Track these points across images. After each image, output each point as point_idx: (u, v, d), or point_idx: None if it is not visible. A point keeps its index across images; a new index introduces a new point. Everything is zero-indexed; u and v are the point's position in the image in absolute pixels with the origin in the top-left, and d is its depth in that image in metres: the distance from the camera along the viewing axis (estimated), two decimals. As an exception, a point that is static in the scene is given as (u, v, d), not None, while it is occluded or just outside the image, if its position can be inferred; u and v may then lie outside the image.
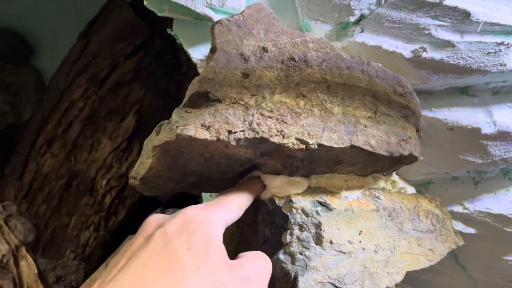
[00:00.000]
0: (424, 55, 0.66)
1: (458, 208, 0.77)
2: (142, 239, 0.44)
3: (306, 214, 0.60)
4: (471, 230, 0.78)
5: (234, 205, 0.53)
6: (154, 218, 0.47)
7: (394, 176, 0.70)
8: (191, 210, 0.46)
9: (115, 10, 1.22)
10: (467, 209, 0.77)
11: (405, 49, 0.67)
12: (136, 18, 1.20)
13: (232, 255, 0.71)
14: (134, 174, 0.59)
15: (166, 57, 1.27)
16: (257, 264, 0.47)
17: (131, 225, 1.35)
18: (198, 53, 0.74)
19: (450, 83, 0.72)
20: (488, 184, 0.79)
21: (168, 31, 0.73)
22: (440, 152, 0.74)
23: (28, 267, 0.84)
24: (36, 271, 0.84)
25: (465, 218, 0.77)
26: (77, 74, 1.21)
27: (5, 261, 0.83)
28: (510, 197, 0.77)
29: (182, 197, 1.52)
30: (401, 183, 0.72)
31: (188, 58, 1.44)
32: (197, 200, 1.49)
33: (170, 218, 0.46)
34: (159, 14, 0.69)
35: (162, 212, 0.88)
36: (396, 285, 0.74)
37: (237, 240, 0.69)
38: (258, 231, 0.65)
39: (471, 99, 0.74)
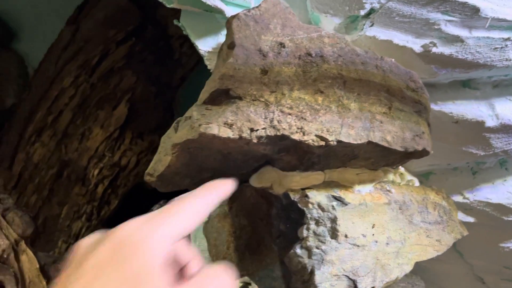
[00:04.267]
0: (434, 50, 0.67)
1: (458, 198, 0.80)
2: (72, 270, 0.36)
3: (322, 209, 0.61)
4: (470, 219, 0.80)
5: (190, 212, 0.42)
6: (84, 243, 0.39)
7: (401, 169, 0.72)
8: (125, 228, 0.37)
9: (105, -5, 1.18)
10: (467, 198, 0.79)
11: (415, 44, 0.67)
12: (128, 4, 1.17)
13: (243, 248, 0.72)
14: (151, 171, 0.58)
15: (158, 44, 1.25)
16: None
17: (123, 215, 1.33)
18: (205, 45, 0.72)
19: (455, 76, 0.73)
20: (486, 174, 0.82)
21: (175, 22, 0.72)
22: (444, 144, 0.76)
23: (29, 261, 0.82)
24: (37, 266, 0.82)
25: (465, 208, 0.80)
26: (67, 61, 1.17)
27: (5, 256, 0.81)
28: (507, 187, 0.80)
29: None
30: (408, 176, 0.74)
31: (180, 45, 1.42)
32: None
33: (102, 240, 0.37)
34: (168, 6, 0.67)
35: (164, 204, 0.87)
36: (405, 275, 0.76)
37: (249, 233, 0.70)
38: (272, 225, 0.65)
39: (474, 92, 0.75)
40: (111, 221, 1.32)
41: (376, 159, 0.63)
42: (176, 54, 1.29)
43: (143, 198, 1.28)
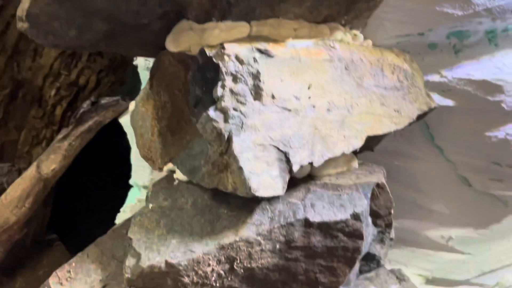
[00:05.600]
0: None
1: (434, 77, 0.67)
2: None
3: (241, 62, 0.48)
4: (449, 102, 0.67)
5: None
6: None
7: (357, 32, 0.59)
8: None
9: None
10: (445, 77, 0.66)
11: None
12: None
13: (166, 129, 0.61)
14: (20, 13, 0.47)
15: None
16: None
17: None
18: None
19: None
20: (471, 51, 0.69)
21: None
22: (414, 5, 0.62)
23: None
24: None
25: (442, 89, 0.67)
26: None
27: None
28: (495, 62, 0.67)
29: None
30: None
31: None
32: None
33: None
34: None
35: (95, 102, 0.77)
36: (360, 164, 0.64)
37: (170, 110, 0.58)
38: (189, 92, 0.54)
39: None
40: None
41: (312, 3, 0.50)
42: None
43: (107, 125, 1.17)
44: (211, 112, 0.48)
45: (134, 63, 0.73)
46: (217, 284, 0.54)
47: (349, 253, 0.56)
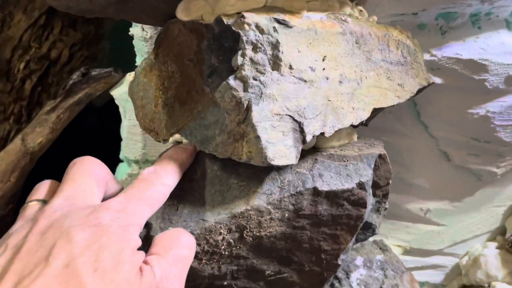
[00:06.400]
0: None
1: (425, 56, 0.70)
2: (38, 250, 0.34)
3: (261, 31, 0.49)
4: (438, 80, 0.71)
5: (158, 194, 0.47)
6: (54, 215, 0.37)
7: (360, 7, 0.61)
8: (106, 215, 0.38)
9: None
10: (435, 56, 0.70)
11: None
12: None
13: (173, 100, 0.60)
14: (34, -30, 0.44)
15: None
16: (170, 260, 0.42)
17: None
18: None
19: None
20: (456, 33, 0.72)
21: None
22: (410, -15, 0.64)
23: None
24: None
25: (432, 67, 0.70)
26: None
27: None
28: (479, 44, 0.71)
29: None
30: (367, 19, 0.62)
31: None
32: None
33: (82, 220, 0.37)
34: None
35: (86, 73, 0.74)
36: (358, 138, 0.67)
37: (178, 81, 0.58)
38: (203, 61, 0.53)
39: None
40: (45, 125, 1.18)
41: (327, -24, 0.51)
42: None
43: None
44: (231, 81, 0.48)
45: (130, 33, 0.71)
46: (226, 253, 0.55)
47: (352, 221, 0.58)
